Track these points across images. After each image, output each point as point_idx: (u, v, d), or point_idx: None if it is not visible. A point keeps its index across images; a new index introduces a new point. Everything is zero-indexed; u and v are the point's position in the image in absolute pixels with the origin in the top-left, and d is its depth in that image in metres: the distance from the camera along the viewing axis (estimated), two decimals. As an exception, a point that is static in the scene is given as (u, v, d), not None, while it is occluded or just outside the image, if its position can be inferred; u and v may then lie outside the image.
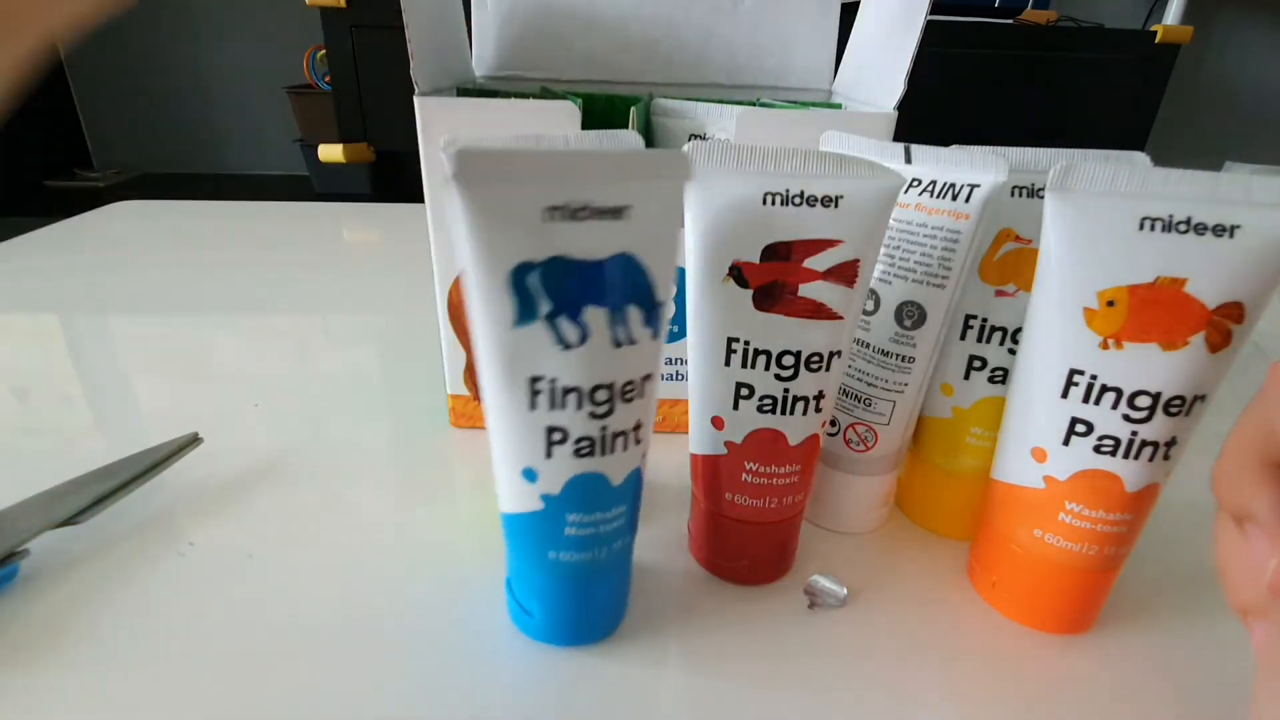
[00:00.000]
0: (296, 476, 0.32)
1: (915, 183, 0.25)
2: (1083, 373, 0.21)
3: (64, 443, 0.34)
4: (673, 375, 0.35)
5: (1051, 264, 0.21)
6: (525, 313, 0.18)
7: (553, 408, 0.19)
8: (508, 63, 0.39)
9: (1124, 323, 0.20)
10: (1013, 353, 0.26)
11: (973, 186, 0.23)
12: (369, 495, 0.31)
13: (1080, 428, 0.22)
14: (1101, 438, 0.21)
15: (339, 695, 0.21)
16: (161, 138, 2.48)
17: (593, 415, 0.20)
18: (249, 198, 0.82)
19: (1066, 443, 0.22)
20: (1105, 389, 0.21)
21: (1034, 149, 0.24)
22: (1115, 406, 0.21)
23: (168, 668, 0.22)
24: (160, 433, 0.31)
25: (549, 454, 0.20)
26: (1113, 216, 0.20)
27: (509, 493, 0.21)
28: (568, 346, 0.19)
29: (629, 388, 0.20)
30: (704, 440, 0.25)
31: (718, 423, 0.24)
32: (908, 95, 0.29)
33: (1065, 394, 0.22)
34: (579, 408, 0.19)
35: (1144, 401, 0.21)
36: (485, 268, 0.18)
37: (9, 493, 0.27)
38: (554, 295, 0.18)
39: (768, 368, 0.23)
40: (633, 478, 0.22)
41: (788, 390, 0.23)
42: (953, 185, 0.24)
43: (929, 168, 0.25)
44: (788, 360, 0.23)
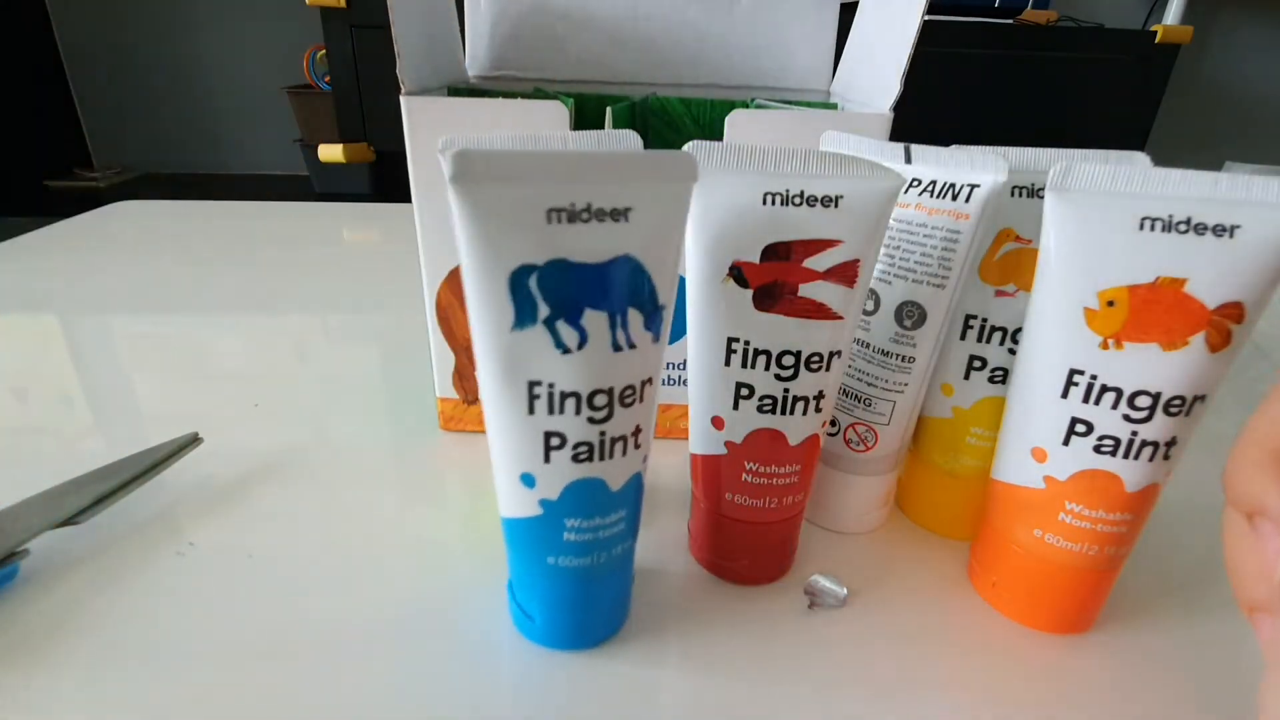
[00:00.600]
0: (297, 476, 0.32)
1: (915, 183, 0.25)
2: (1083, 373, 0.21)
3: (64, 443, 0.34)
4: (665, 380, 0.35)
5: (1051, 264, 0.21)
6: (524, 316, 0.18)
7: (551, 412, 0.19)
8: (501, 63, 0.39)
9: (1124, 323, 0.20)
10: (1013, 353, 0.26)
11: (973, 186, 0.23)
12: (370, 496, 0.31)
13: (1080, 428, 0.22)
14: (1102, 438, 0.21)
15: (339, 696, 0.21)
16: (161, 138, 2.48)
17: (591, 420, 0.19)
18: (249, 198, 0.82)
19: (1066, 443, 0.22)
20: (1105, 389, 0.21)
21: (1034, 149, 0.24)
22: (1115, 406, 0.21)
23: (168, 668, 0.22)
24: (160, 433, 0.31)
25: (547, 459, 0.20)
26: (1112, 216, 0.20)
27: (508, 497, 0.21)
28: (566, 351, 0.19)
29: (628, 392, 0.20)
30: (704, 440, 0.25)
31: (718, 423, 0.24)
32: (908, 95, 0.29)
33: (1065, 394, 0.22)
34: (577, 413, 0.19)
35: (1144, 401, 0.21)
36: (484, 270, 0.18)
37: (9, 493, 0.27)
38: (553, 298, 0.18)
39: (768, 368, 0.23)
40: (633, 482, 0.21)
41: (788, 390, 0.23)
42: (953, 185, 0.24)
43: (929, 168, 0.25)
44: (788, 360, 0.23)
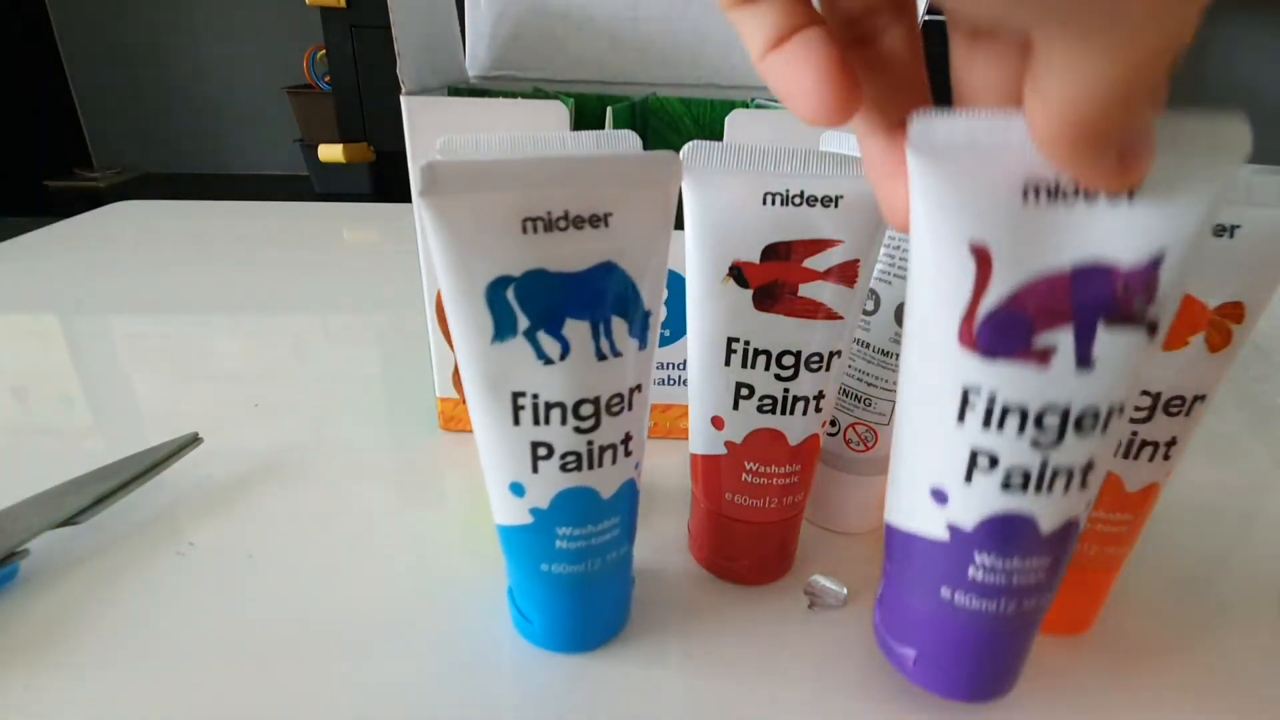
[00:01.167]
0: (297, 476, 0.32)
1: (915, 183, 0.25)
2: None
3: (64, 443, 0.34)
4: (662, 380, 0.35)
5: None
6: (504, 328, 0.18)
7: (536, 423, 0.19)
8: (501, 62, 0.39)
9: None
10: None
11: (973, 186, 0.23)
12: (370, 496, 0.31)
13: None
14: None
15: (339, 696, 0.21)
16: (161, 138, 2.48)
17: (578, 430, 0.19)
18: (249, 198, 0.82)
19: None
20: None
21: (1034, 149, 0.24)
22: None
23: (168, 668, 0.22)
24: (160, 433, 0.31)
25: (535, 469, 0.20)
26: None
27: (499, 505, 0.21)
28: (549, 362, 0.18)
29: (615, 401, 0.20)
30: (704, 440, 0.25)
31: (718, 423, 0.24)
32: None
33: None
34: (563, 423, 0.19)
35: (1144, 401, 0.21)
36: (460, 284, 0.17)
37: (9, 493, 0.27)
38: (533, 309, 0.18)
39: (768, 368, 0.23)
40: (625, 490, 0.21)
41: (788, 390, 0.23)
42: (953, 185, 0.24)
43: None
44: (788, 360, 0.23)
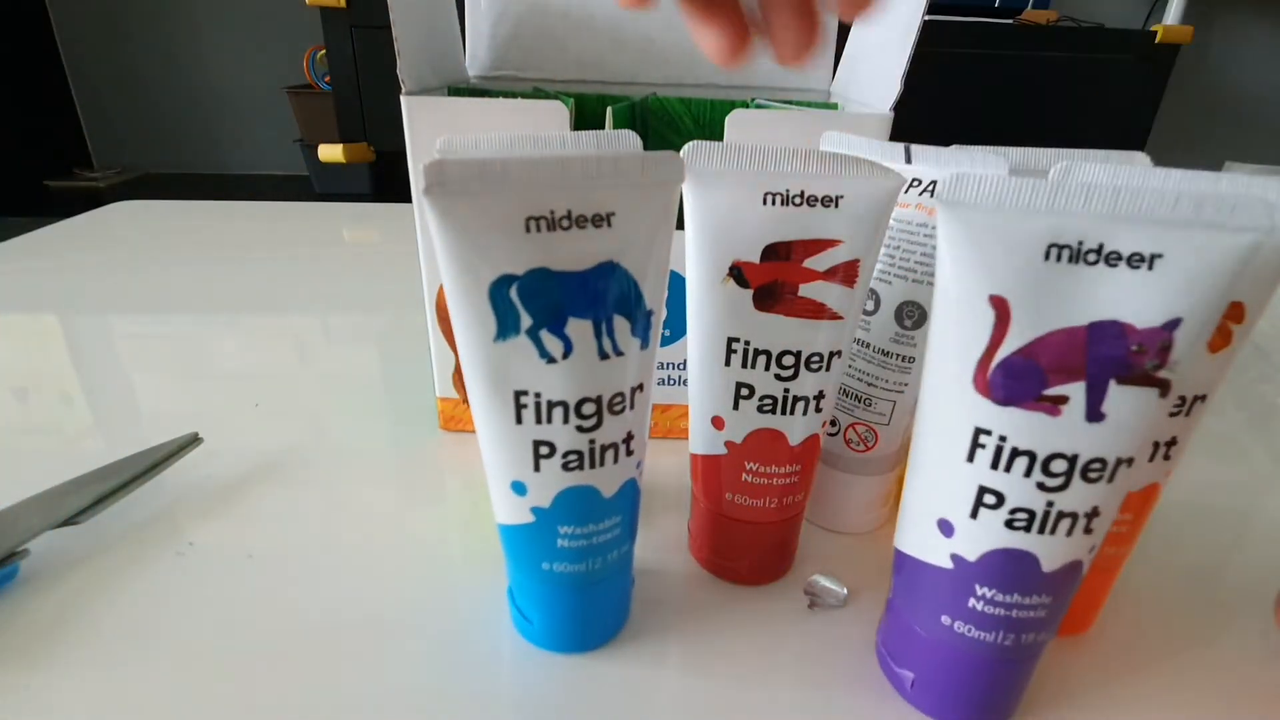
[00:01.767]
0: (297, 476, 0.32)
1: (915, 183, 0.25)
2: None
3: (64, 443, 0.34)
4: (662, 380, 0.35)
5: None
6: (507, 327, 0.18)
7: (539, 422, 0.19)
8: (501, 63, 0.39)
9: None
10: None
11: (973, 186, 0.23)
12: (370, 496, 0.31)
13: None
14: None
15: (339, 696, 0.21)
16: (161, 138, 2.48)
17: (580, 429, 0.19)
18: (249, 198, 0.82)
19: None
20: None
21: (1034, 149, 0.24)
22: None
23: (168, 668, 0.22)
24: (160, 433, 0.31)
25: (537, 467, 0.20)
26: None
27: (501, 504, 0.21)
28: (551, 360, 0.18)
29: (617, 400, 0.20)
30: (704, 440, 0.25)
31: (718, 423, 0.24)
32: (908, 95, 0.29)
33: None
34: (565, 421, 0.19)
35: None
36: (464, 282, 0.18)
37: (9, 493, 0.27)
38: (536, 308, 0.18)
39: (768, 368, 0.23)
40: (627, 489, 0.21)
41: (788, 390, 0.23)
42: (953, 185, 0.24)
43: (929, 168, 0.25)
44: (788, 360, 0.23)
